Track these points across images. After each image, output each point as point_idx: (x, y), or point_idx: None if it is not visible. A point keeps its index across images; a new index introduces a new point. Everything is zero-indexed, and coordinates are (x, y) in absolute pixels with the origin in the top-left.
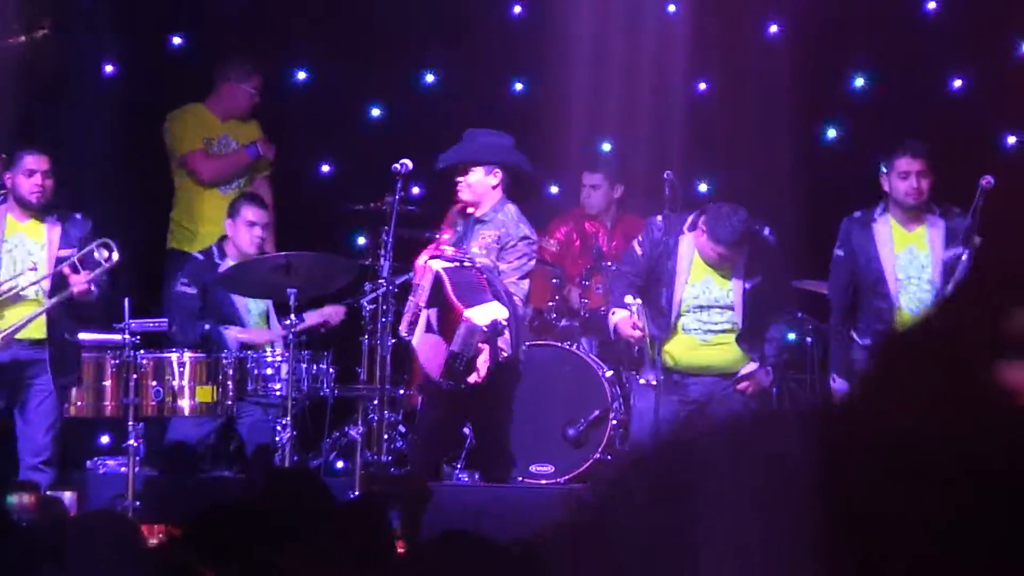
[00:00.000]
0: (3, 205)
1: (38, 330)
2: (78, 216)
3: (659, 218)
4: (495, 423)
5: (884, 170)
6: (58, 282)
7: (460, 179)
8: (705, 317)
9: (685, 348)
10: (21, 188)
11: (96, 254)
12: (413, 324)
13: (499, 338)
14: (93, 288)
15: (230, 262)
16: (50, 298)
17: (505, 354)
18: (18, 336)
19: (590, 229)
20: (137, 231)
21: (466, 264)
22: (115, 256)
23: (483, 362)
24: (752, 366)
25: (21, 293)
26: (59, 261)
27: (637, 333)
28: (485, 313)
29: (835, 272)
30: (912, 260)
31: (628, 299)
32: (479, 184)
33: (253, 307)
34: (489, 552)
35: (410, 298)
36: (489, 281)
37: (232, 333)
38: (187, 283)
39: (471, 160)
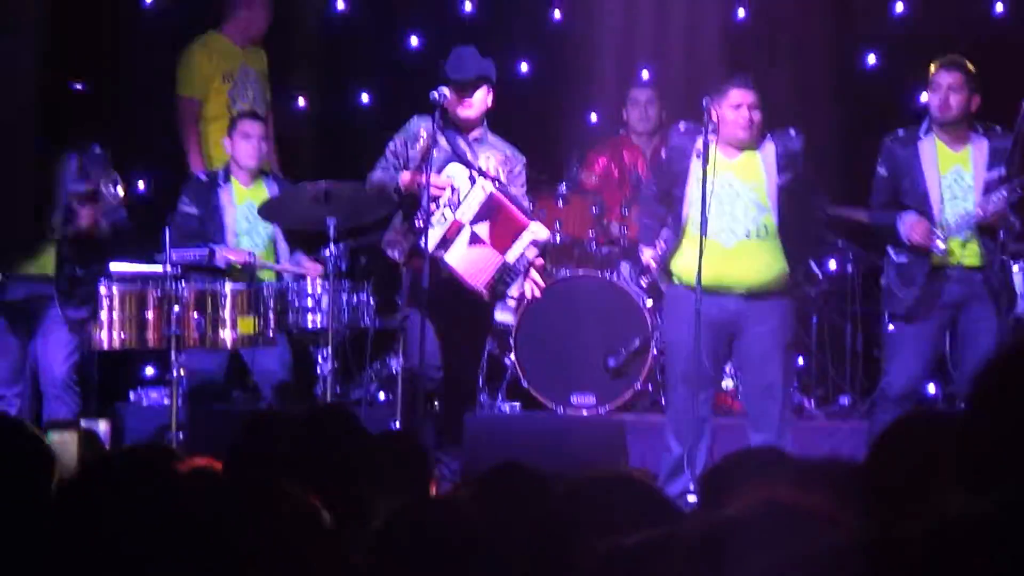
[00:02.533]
0: None
1: (48, 265)
2: (96, 149)
3: (681, 124)
4: (479, 352)
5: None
6: (67, 216)
7: (466, 97)
8: (728, 219)
9: (705, 256)
10: None
11: (104, 190)
12: (449, 241)
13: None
14: (103, 223)
15: (235, 184)
16: (60, 233)
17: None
18: (31, 271)
19: (628, 158)
20: (175, 161)
21: (504, 183)
22: (120, 191)
23: (537, 277)
24: None
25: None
26: (73, 195)
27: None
28: (543, 228)
29: (877, 190)
30: (957, 180)
31: (659, 243)
32: (482, 104)
33: (251, 233)
34: (540, 483)
35: (440, 214)
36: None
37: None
38: (187, 202)
39: (485, 77)
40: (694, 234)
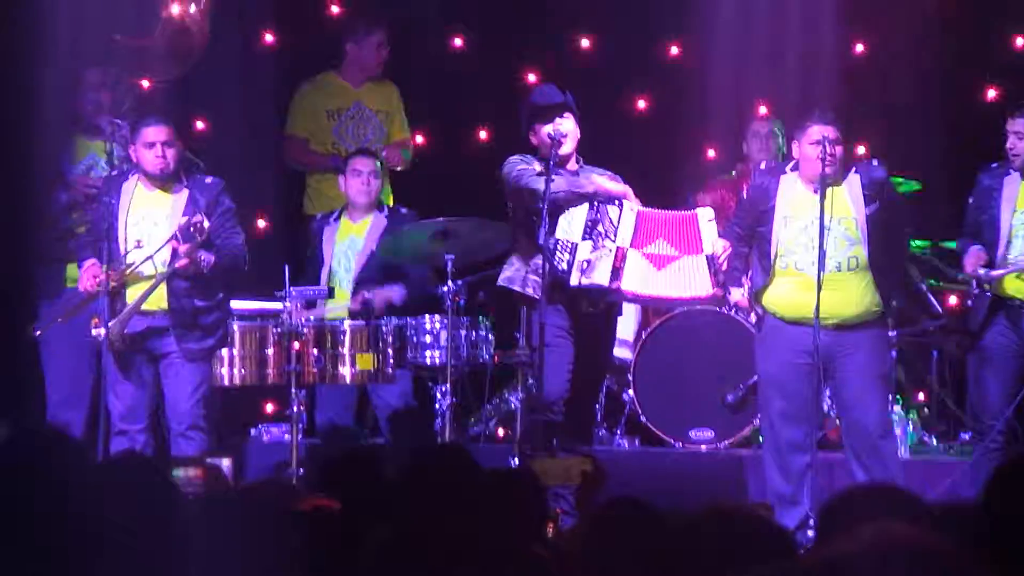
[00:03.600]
0: (132, 176)
1: (161, 300)
2: (207, 180)
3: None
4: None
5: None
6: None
7: (567, 127)
8: (816, 253)
9: (795, 291)
10: (143, 160)
11: (192, 227)
12: (619, 270)
13: None
14: (203, 259)
15: (344, 221)
16: (169, 268)
17: None
18: (146, 307)
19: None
20: (291, 198)
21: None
22: (205, 224)
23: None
24: None
25: (148, 265)
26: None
27: (753, 318)
28: (706, 209)
29: (965, 219)
30: None
31: (745, 281)
32: (574, 133)
33: (348, 270)
34: (656, 520)
35: (598, 246)
36: None
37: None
38: (309, 240)
39: (569, 105)
40: (783, 269)
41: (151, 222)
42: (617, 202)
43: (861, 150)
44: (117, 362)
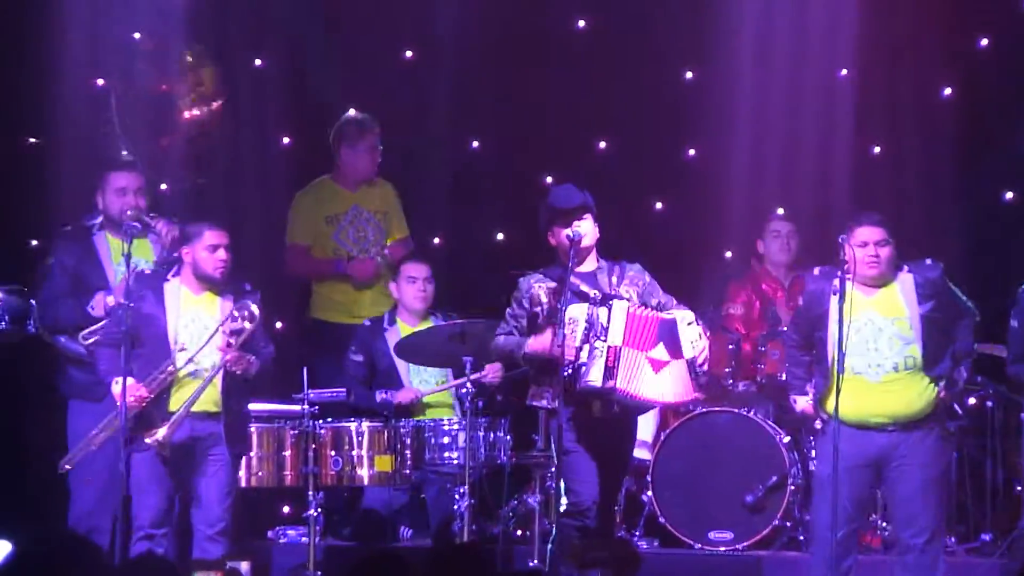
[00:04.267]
0: (176, 278)
1: (212, 403)
2: (247, 287)
3: (816, 269)
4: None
5: None
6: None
7: (584, 228)
8: (874, 354)
9: (854, 393)
10: (204, 263)
11: (236, 323)
12: (613, 368)
13: None
14: (251, 360)
15: (401, 326)
16: (216, 370)
17: None
18: (194, 409)
19: (768, 292)
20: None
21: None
22: (256, 312)
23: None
24: None
25: (198, 368)
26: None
27: (819, 424)
28: (686, 310)
29: (1011, 342)
30: None
31: (809, 389)
32: (592, 232)
33: (420, 372)
34: None
35: (592, 348)
36: None
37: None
38: (355, 351)
39: (588, 206)
40: (844, 373)
41: (201, 325)
42: (608, 303)
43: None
44: (150, 467)
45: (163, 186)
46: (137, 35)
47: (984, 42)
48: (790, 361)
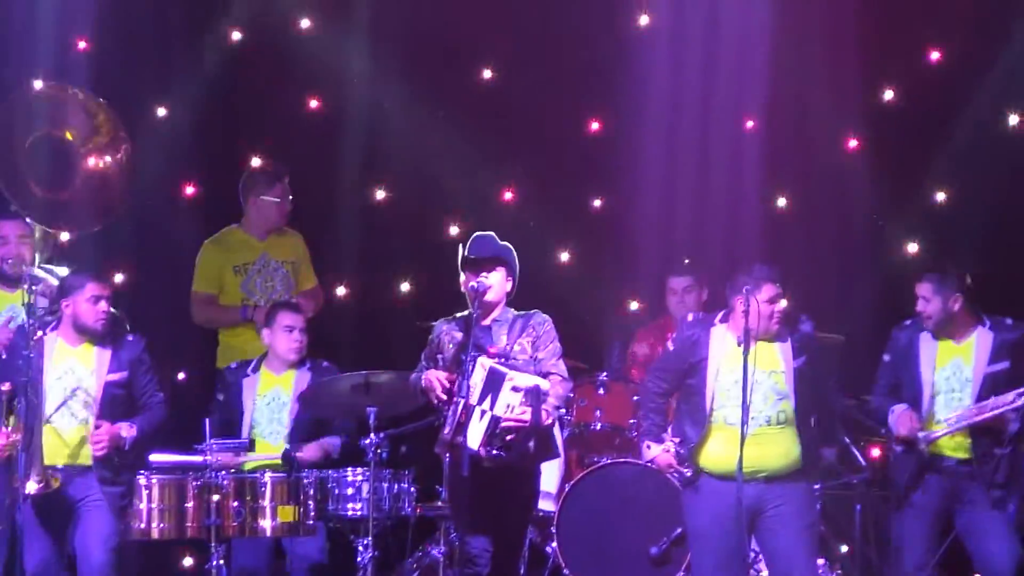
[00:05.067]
0: (53, 331)
1: (86, 457)
2: (130, 338)
3: (690, 316)
4: (521, 541)
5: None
6: (106, 407)
7: (492, 280)
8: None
9: (725, 445)
10: (85, 315)
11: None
12: (464, 425)
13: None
14: (124, 437)
15: (265, 374)
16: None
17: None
18: (69, 463)
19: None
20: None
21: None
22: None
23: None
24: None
25: (70, 420)
26: (108, 385)
27: (675, 473)
28: (531, 377)
29: (880, 375)
30: (955, 373)
31: (666, 437)
32: (500, 286)
33: (272, 422)
34: None
35: (455, 402)
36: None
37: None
38: (219, 389)
39: (501, 259)
40: (715, 424)
41: (75, 378)
42: (473, 360)
43: (783, 303)
44: (32, 519)
45: (64, 236)
46: (37, 83)
47: (889, 95)
48: (649, 407)
